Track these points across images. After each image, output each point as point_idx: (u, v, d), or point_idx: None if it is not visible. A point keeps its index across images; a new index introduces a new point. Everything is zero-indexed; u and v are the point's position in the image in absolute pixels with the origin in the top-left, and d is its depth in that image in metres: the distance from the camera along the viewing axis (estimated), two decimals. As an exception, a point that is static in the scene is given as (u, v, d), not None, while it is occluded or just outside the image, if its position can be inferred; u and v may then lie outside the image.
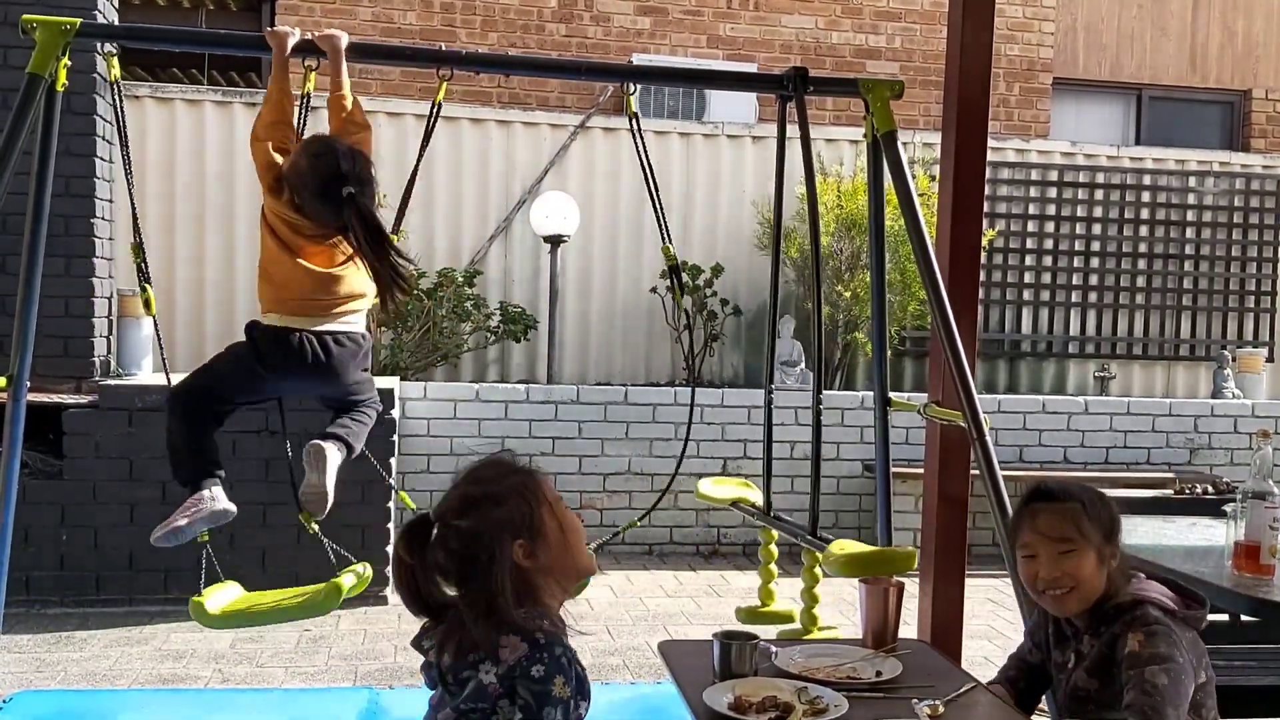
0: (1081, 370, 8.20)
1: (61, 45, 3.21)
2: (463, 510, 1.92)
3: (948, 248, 3.61)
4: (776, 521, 3.74)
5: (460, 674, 1.85)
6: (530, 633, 1.85)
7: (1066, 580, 2.32)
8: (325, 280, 3.12)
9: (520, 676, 1.81)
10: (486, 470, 1.99)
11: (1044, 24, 9.36)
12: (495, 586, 1.86)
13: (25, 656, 4.47)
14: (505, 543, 1.88)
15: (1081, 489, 2.40)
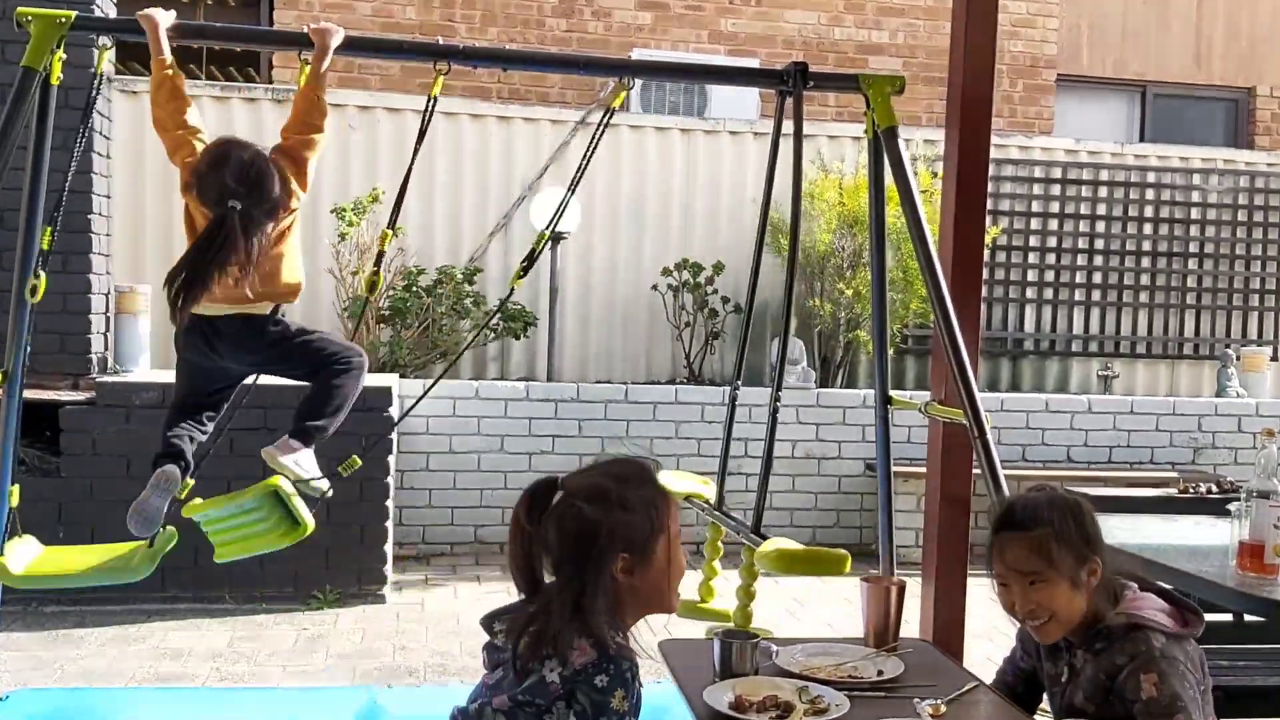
0: (1085, 369, 8.17)
1: (56, 38, 3.18)
2: (592, 497, 1.90)
3: (951, 245, 3.59)
4: (723, 517, 3.70)
5: (528, 664, 1.85)
6: (603, 642, 1.85)
7: (1041, 611, 2.27)
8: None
9: (583, 682, 1.82)
10: (629, 470, 1.98)
11: (1048, 20, 9.32)
12: (589, 586, 1.86)
13: (23, 654, 4.45)
14: (615, 549, 1.89)
15: (1052, 508, 2.28)
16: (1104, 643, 2.24)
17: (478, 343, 7.20)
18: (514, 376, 7.39)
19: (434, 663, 4.57)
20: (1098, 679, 2.24)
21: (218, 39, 4.01)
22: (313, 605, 5.26)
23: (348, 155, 7.22)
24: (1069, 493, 2.36)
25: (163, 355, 6.78)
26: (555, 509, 1.91)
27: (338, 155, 7.18)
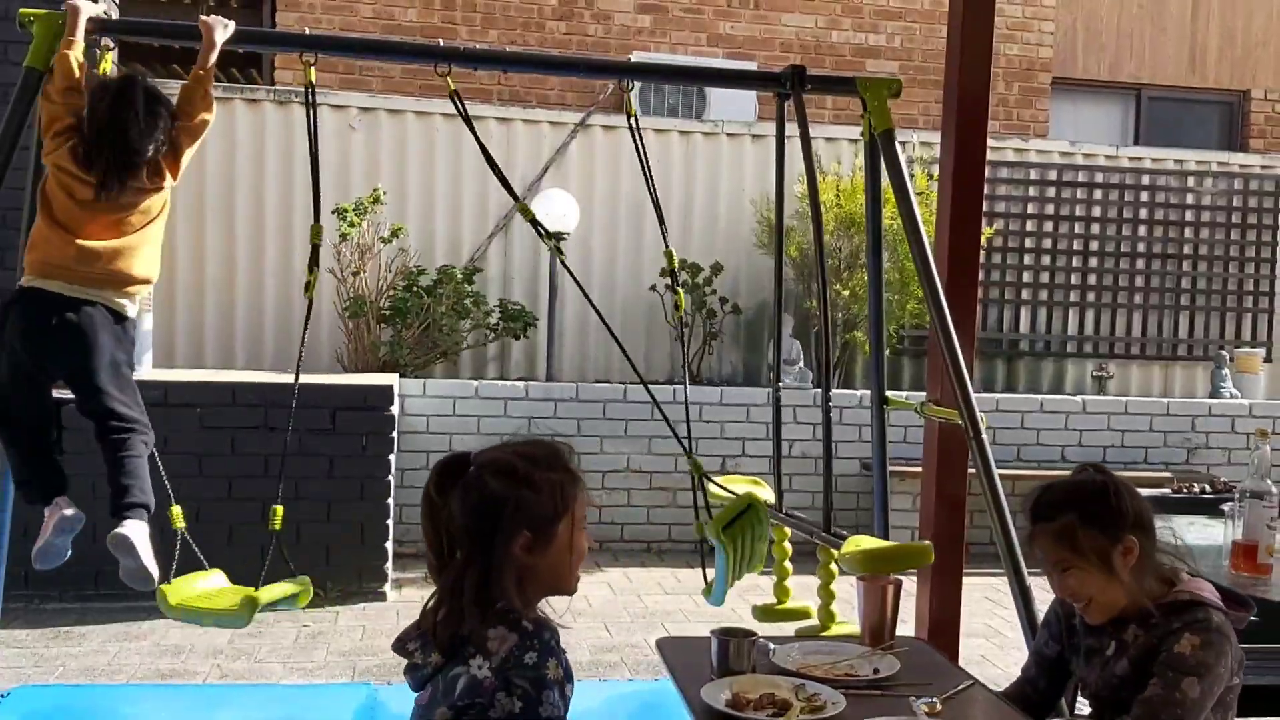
0: (1079, 369, 8.21)
1: (59, 39, 3.21)
2: (499, 472, 1.89)
3: (947, 247, 3.62)
4: (789, 519, 3.75)
5: (451, 670, 1.83)
6: (516, 622, 1.84)
7: (1079, 596, 2.30)
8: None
9: (514, 666, 1.80)
10: (541, 451, 1.96)
11: (1043, 24, 9.37)
12: (493, 563, 1.85)
13: (24, 651, 4.48)
14: (518, 527, 1.87)
15: (1076, 494, 2.29)
16: (1161, 617, 2.23)
17: (479, 342, 7.24)
18: (513, 376, 7.42)
19: (433, 660, 4.60)
20: (1149, 644, 2.22)
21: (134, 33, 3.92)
22: (313, 603, 5.27)
23: (349, 156, 7.25)
24: (1100, 473, 2.33)
25: (164, 355, 6.82)
26: (464, 480, 1.89)
27: (339, 156, 7.21)
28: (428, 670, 1.88)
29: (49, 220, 3.09)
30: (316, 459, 5.36)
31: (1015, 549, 3.17)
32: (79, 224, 3.08)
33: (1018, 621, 4.99)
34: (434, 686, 1.87)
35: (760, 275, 7.67)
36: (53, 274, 3.07)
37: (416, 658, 1.89)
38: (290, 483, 5.36)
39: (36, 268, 3.09)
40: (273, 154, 7.09)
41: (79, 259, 3.07)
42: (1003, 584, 5.90)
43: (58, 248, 3.07)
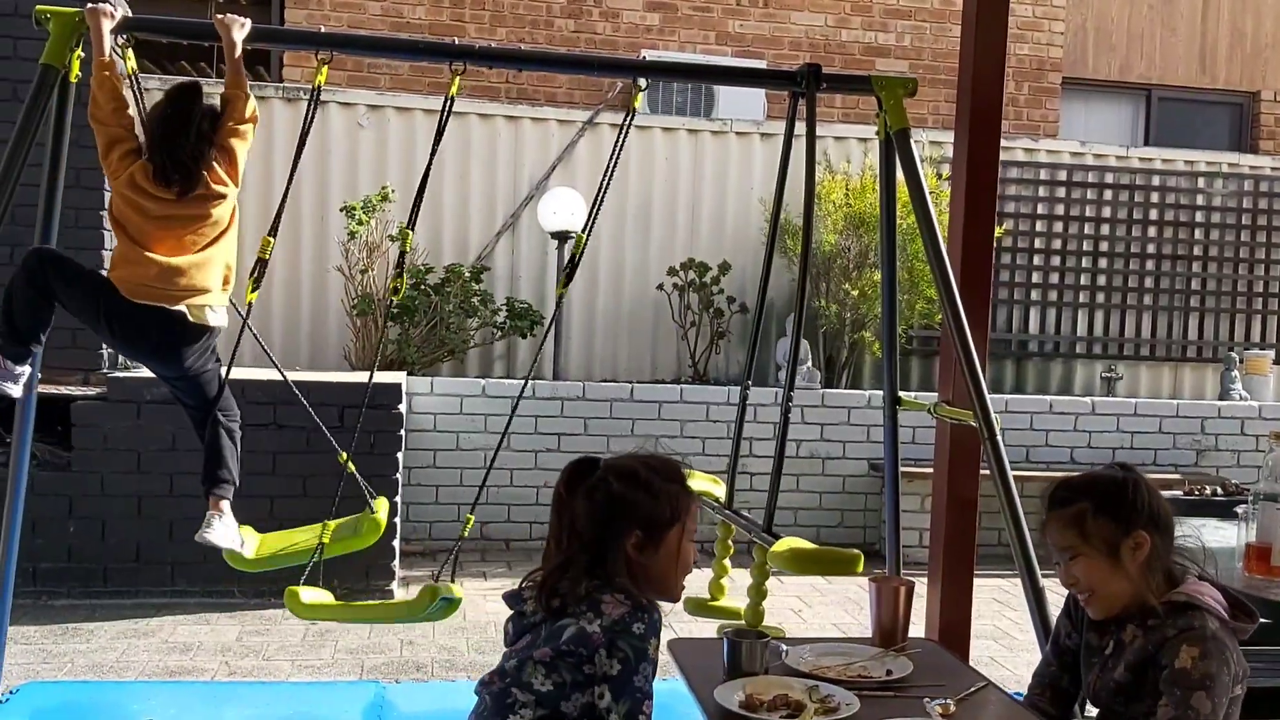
0: (1089, 371, 8.19)
1: (75, 36, 3.21)
2: (622, 475, 2.10)
3: (960, 247, 3.62)
4: (735, 516, 3.73)
5: (559, 620, 2.02)
6: (634, 595, 2.03)
7: (1081, 586, 2.29)
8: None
9: (622, 631, 1.98)
10: (665, 466, 2.18)
11: (1054, 24, 9.35)
12: (606, 552, 2.07)
13: (32, 648, 4.48)
14: (631, 525, 2.08)
15: (1094, 484, 2.30)
16: (1157, 619, 2.22)
17: (485, 341, 7.23)
18: (520, 375, 7.41)
19: (441, 658, 4.60)
20: (1145, 651, 2.21)
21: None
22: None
23: (357, 154, 7.25)
24: (1123, 469, 2.32)
25: (171, 351, 6.80)
26: (589, 482, 2.10)
27: (347, 154, 7.21)
28: (534, 620, 2.08)
29: (127, 241, 3.16)
30: (325, 456, 5.33)
31: (1029, 550, 3.16)
32: (156, 241, 3.16)
33: (1026, 623, 4.98)
34: (534, 634, 2.05)
35: (770, 274, 7.64)
36: (138, 294, 3.15)
37: (528, 606, 2.10)
38: (298, 480, 5.41)
39: (124, 286, 3.16)
40: (281, 152, 7.08)
41: (161, 276, 3.15)
42: (1010, 585, 5.94)
43: (140, 267, 3.14)
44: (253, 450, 5.26)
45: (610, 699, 1.97)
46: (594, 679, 1.98)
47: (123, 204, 3.16)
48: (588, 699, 1.99)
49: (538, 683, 1.99)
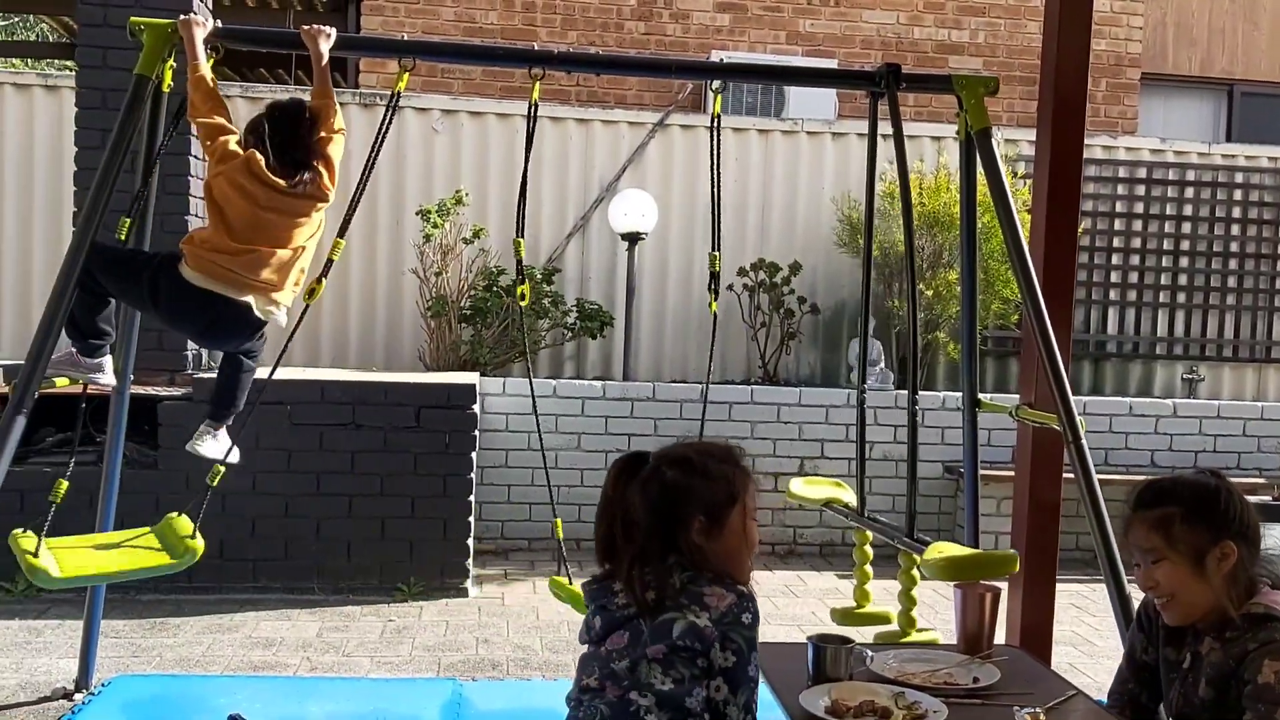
0: (1169, 372, 8.01)
1: (168, 47, 3.29)
2: (675, 463, 2.07)
3: (1042, 247, 3.56)
4: (871, 523, 3.71)
5: (660, 614, 1.99)
6: (734, 585, 2.02)
7: (1161, 591, 2.24)
8: None
9: (733, 623, 1.97)
10: (716, 449, 2.15)
11: (1132, 18, 9.15)
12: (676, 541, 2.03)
13: (122, 641, 4.61)
14: (693, 512, 2.04)
15: (1185, 488, 2.25)
16: (1235, 631, 2.17)
17: (556, 341, 7.28)
18: (589, 376, 7.45)
19: (516, 657, 4.64)
20: (1225, 665, 2.16)
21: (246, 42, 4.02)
22: (397, 597, 5.37)
23: (432, 158, 7.33)
24: (1215, 477, 2.28)
25: (251, 352, 6.95)
26: (643, 474, 2.07)
27: (422, 158, 7.31)
28: (627, 613, 2.03)
29: (222, 225, 3.25)
30: (402, 455, 5.44)
31: (1115, 556, 3.10)
32: (255, 230, 3.26)
33: (1106, 630, 4.90)
34: (631, 630, 2.02)
35: (839, 275, 7.60)
36: (213, 274, 3.25)
37: (619, 599, 2.05)
38: (375, 479, 5.50)
39: (196, 265, 3.25)
40: (358, 156, 7.17)
41: (246, 265, 3.26)
42: (1089, 591, 5.83)
43: (225, 253, 3.24)
44: (332, 449, 5.39)
45: (728, 691, 1.98)
46: (710, 672, 1.98)
47: (229, 187, 3.23)
48: (707, 693, 1.99)
49: (658, 682, 1.97)
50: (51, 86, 7.05)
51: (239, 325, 3.39)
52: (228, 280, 3.27)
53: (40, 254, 7.00)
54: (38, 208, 7.02)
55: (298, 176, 3.26)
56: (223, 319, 3.35)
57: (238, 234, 3.24)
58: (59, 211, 6.85)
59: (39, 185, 7.02)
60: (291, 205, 3.29)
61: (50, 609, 4.99)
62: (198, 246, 3.27)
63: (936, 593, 5.75)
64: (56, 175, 6.90)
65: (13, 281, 7.03)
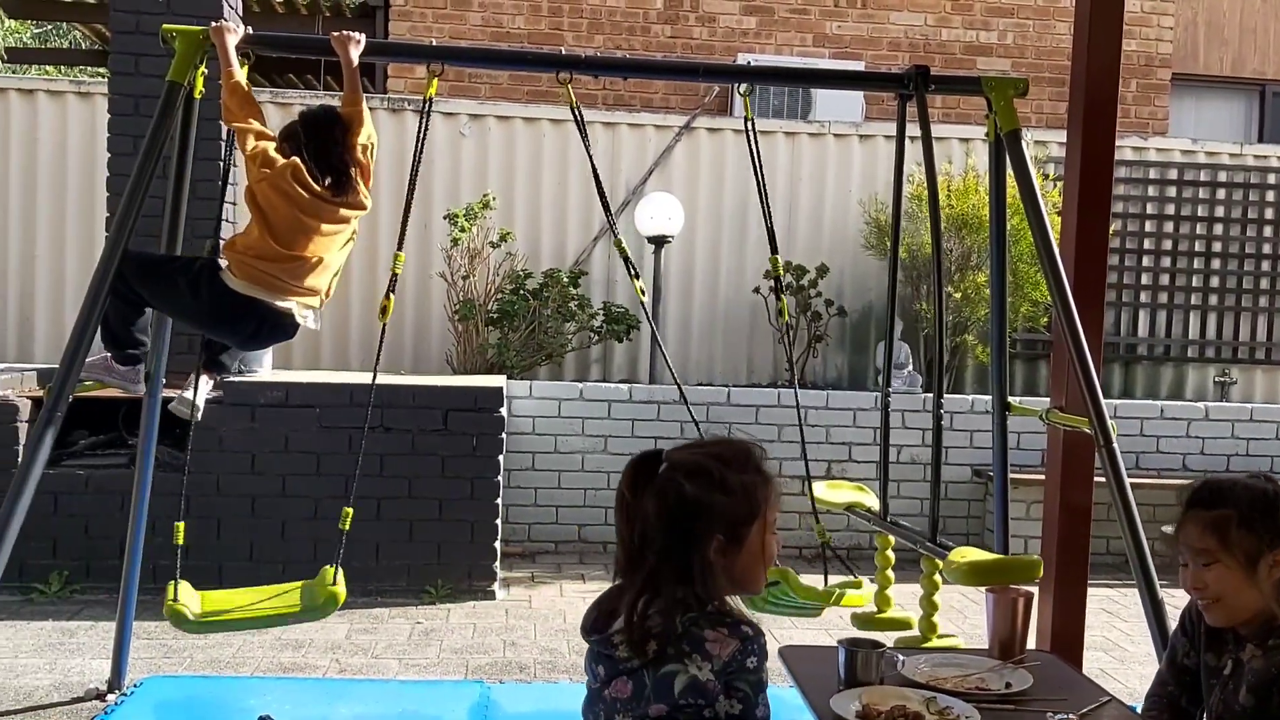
0: (1201, 375, 7.93)
1: (200, 54, 3.33)
2: (693, 473, 1.88)
3: (1073, 248, 3.54)
4: (894, 527, 3.70)
5: (664, 668, 1.85)
6: (735, 626, 1.86)
7: (1209, 592, 2.21)
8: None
9: (737, 670, 1.83)
10: (734, 452, 1.95)
11: (1163, 18, 9.07)
12: (692, 565, 1.86)
13: (153, 642, 4.65)
14: (711, 530, 1.87)
15: (1243, 491, 2.21)
16: (1278, 639, 2.14)
17: (583, 344, 7.29)
18: (616, 378, 7.46)
19: (543, 660, 4.64)
20: (1268, 673, 2.14)
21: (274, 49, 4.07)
22: (425, 599, 5.39)
23: (459, 162, 7.37)
24: (1270, 481, 2.24)
25: (283, 357, 7.01)
26: (657, 481, 1.88)
27: (450, 162, 7.34)
28: (631, 665, 1.88)
29: (265, 230, 3.28)
30: (430, 458, 5.46)
31: (1147, 560, 3.08)
32: (299, 234, 3.30)
33: (1138, 635, 4.85)
34: (635, 681, 1.87)
35: (866, 277, 7.58)
36: (256, 280, 3.30)
37: (621, 651, 1.89)
38: (404, 481, 5.53)
39: (245, 272, 3.29)
40: (386, 161, 7.24)
41: (289, 271, 3.30)
42: (1121, 596, 5.78)
43: (272, 260, 3.29)
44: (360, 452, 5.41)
45: None
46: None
47: (274, 194, 3.25)
48: None
49: None
50: (85, 93, 7.13)
51: (279, 332, 3.45)
52: (272, 287, 3.31)
53: (73, 259, 7.09)
54: (70, 213, 7.11)
55: (338, 184, 3.29)
56: (265, 326, 3.39)
57: (282, 240, 3.27)
58: (91, 217, 6.93)
59: (72, 191, 7.10)
60: (333, 212, 3.33)
61: (83, 610, 5.04)
62: (241, 253, 3.30)
63: (965, 597, 5.71)
64: (89, 181, 6.98)
65: (46, 287, 7.11)
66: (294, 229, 3.28)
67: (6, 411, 5.25)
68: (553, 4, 8.71)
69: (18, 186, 7.10)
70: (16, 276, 7.10)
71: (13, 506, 3.03)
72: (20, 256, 7.10)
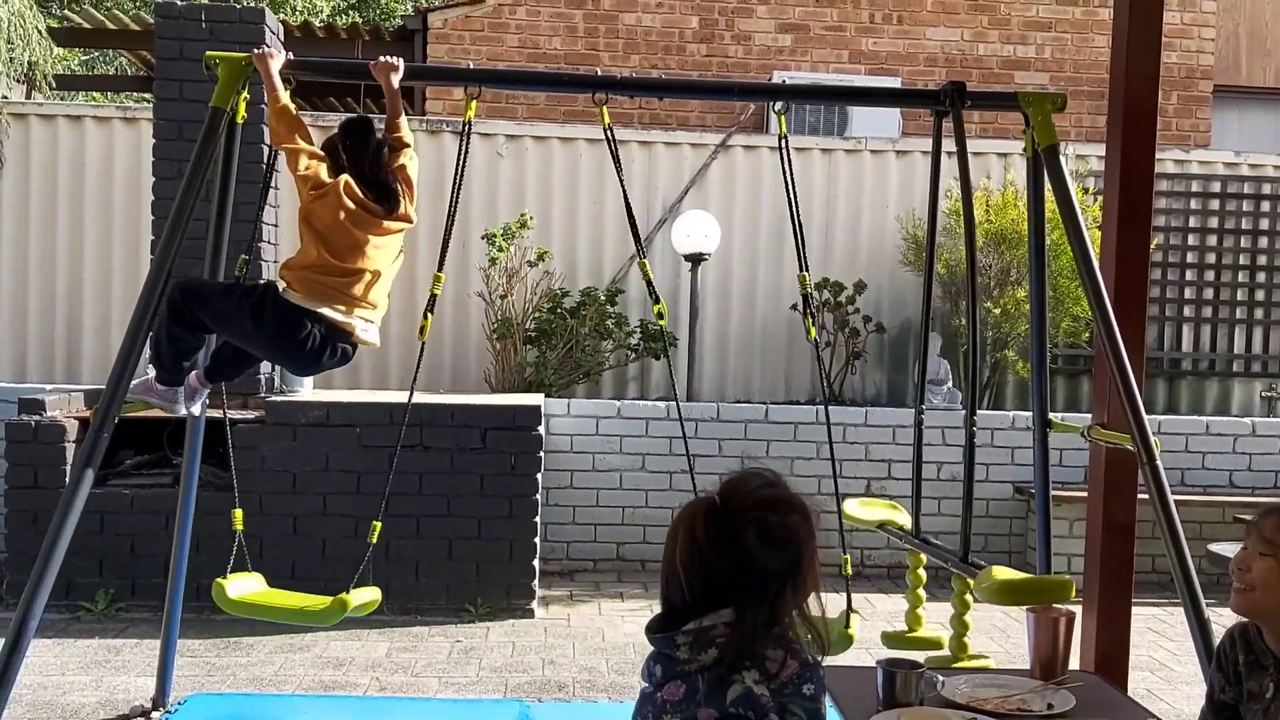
0: (1247, 390, 7.80)
1: (242, 80, 3.39)
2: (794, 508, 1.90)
3: (1113, 263, 3.50)
4: (926, 545, 3.66)
5: (719, 674, 1.84)
6: (799, 651, 1.86)
7: (1249, 577, 2.20)
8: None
9: (793, 694, 1.83)
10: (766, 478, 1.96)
11: (1204, 30, 8.98)
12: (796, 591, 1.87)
13: (197, 660, 4.70)
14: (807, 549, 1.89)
15: None
16: None
17: (620, 362, 7.31)
18: (653, 396, 7.46)
19: (582, 679, 4.64)
20: None
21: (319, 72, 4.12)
22: (464, 618, 5.41)
23: (496, 182, 7.43)
24: None
25: (324, 376, 7.07)
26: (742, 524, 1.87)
27: (487, 182, 7.40)
28: (689, 669, 1.87)
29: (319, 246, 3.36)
30: (469, 477, 5.50)
31: (1193, 579, 3.03)
32: (354, 249, 3.37)
33: (1184, 655, 4.77)
34: (688, 684, 1.87)
35: (904, 293, 7.54)
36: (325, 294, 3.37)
37: (683, 653, 1.88)
38: (443, 499, 5.56)
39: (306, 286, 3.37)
40: (424, 182, 7.27)
41: (350, 286, 3.39)
42: (1167, 615, 5.69)
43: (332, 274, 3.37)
44: (400, 471, 5.41)
45: None
46: None
47: (329, 213, 3.32)
48: None
49: None
50: (130, 119, 7.27)
51: (339, 353, 3.50)
52: (334, 299, 3.38)
53: (119, 282, 7.21)
54: (117, 237, 7.24)
55: (385, 196, 3.37)
56: (328, 345, 3.43)
57: (339, 254, 3.35)
58: (137, 240, 7.05)
59: (118, 214, 7.23)
60: (380, 225, 3.40)
61: (128, 628, 5.11)
62: (299, 271, 3.37)
63: (1007, 616, 5.65)
64: (135, 204, 7.11)
65: (93, 309, 7.24)
66: (350, 246, 3.35)
67: (54, 432, 5.34)
68: (589, 25, 8.77)
69: (65, 211, 7.24)
70: (64, 299, 7.23)
71: (61, 525, 3.08)
72: (68, 279, 7.23)
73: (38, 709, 4.10)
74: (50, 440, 5.33)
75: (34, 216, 7.23)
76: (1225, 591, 2.29)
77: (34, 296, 7.21)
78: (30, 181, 7.23)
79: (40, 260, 7.23)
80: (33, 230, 7.23)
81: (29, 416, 5.35)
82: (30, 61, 7.44)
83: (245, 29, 5.51)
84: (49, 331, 7.20)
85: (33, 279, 7.23)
